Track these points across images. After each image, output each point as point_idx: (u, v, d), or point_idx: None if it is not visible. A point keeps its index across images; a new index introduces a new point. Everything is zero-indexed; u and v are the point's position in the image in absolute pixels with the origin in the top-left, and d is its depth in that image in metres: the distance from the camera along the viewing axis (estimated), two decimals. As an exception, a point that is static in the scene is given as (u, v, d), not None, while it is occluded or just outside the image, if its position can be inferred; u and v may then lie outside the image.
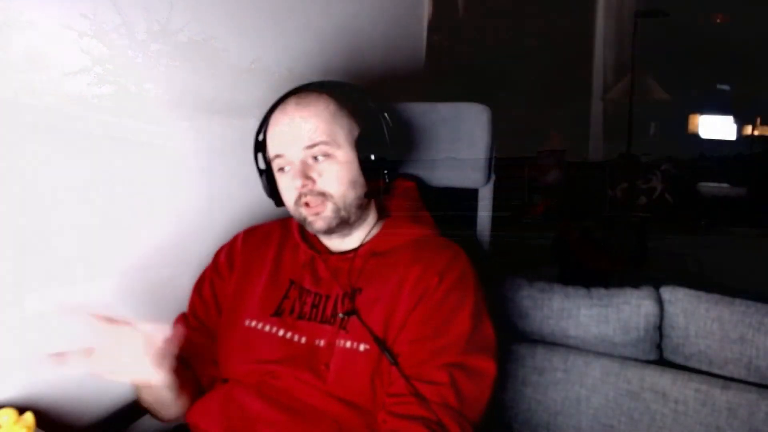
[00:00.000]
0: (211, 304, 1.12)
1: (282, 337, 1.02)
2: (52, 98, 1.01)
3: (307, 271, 1.07)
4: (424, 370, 0.93)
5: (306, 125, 1.00)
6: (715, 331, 1.19)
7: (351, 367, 0.97)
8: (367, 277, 1.03)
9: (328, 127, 1.00)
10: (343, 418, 0.96)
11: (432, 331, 0.96)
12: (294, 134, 1.00)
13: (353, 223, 1.05)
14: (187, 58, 1.21)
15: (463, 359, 0.94)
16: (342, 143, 1.01)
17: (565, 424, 1.31)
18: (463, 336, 0.96)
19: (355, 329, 0.98)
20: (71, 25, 1.01)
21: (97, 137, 1.08)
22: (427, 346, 0.95)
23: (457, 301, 0.98)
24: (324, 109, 1.01)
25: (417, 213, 1.13)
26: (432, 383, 0.92)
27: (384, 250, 1.06)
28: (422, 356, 0.94)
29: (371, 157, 1.02)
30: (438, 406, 0.90)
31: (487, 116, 1.27)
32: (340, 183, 1.01)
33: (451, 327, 0.96)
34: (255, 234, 1.17)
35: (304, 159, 1.00)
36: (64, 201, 1.04)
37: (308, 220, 1.02)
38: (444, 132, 1.30)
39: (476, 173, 1.28)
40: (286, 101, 1.04)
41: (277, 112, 1.04)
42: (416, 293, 0.98)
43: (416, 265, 1.01)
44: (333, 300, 1.03)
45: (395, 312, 0.98)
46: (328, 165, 1.00)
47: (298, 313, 1.03)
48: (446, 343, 0.95)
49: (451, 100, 1.33)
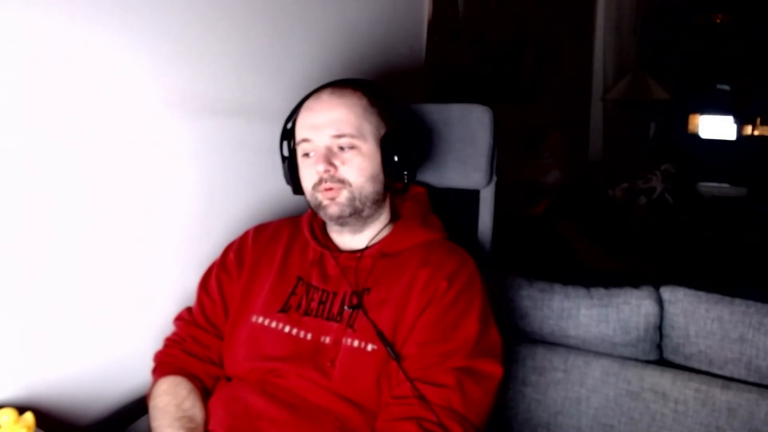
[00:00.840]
0: (218, 301, 1.12)
1: (288, 334, 1.02)
2: (53, 98, 1.01)
3: (315, 268, 1.08)
4: (431, 373, 0.93)
5: (337, 114, 1.02)
6: (715, 331, 1.20)
7: (357, 366, 0.97)
8: (376, 277, 1.04)
9: (357, 121, 1.03)
10: (346, 418, 0.96)
11: (440, 334, 0.96)
12: (325, 122, 1.03)
13: (366, 218, 1.07)
14: (187, 58, 1.21)
15: (471, 363, 0.95)
16: (368, 138, 1.04)
17: (565, 424, 1.31)
18: (470, 340, 0.96)
19: (363, 329, 0.99)
20: (71, 24, 1.01)
21: (97, 137, 1.08)
22: (434, 350, 0.95)
23: (465, 305, 0.99)
24: (357, 103, 1.04)
25: (426, 217, 1.15)
26: (437, 386, 0.92)
27: (393, 252, 1.07)
28: (429, 360, 0.95)
29: (395, 157, 1.05)
30: (442, 409, 0.90)
31: (489, 117, 1.27)
32: (361, 174, 1.03)
33: (458, 331, 0.97)
34: (264, 231, 1.18)
35: (330, 146, 1.03)
36: (63, 201, 1.04)
37: (323, 204, 1.04)
38: (446, 133, 1.30)
39: (478, 174, 1.28)
40: (322, 90, 1.07)
41: (311, 99, 1.07)
42: (425, 296, 0.99)
43: (425, 269, 1.02)
44: (341, 297, 1.03)
45: (404, 314, 0.99)
46: (352, 155, 1.03)
47: (305, 309, 1.04)
48: (454, 347, 0.95)
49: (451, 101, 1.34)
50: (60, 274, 1.04)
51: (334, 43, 1.53)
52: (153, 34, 1.14)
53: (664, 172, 2.74)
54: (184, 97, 1.21)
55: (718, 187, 3.74)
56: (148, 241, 1.18)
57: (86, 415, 1.09)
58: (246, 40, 1.33)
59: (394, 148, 1.06)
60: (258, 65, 1.36)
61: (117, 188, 1.12)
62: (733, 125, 5.01)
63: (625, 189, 2.78)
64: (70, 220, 1.05)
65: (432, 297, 0.99)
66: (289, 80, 1.38)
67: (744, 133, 5.00)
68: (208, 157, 1.28)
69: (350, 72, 1.52)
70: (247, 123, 1.32)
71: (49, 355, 1.04)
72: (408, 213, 1.14)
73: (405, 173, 1.07)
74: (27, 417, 0.92)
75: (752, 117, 4.94)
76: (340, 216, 1.03)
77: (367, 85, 1.11)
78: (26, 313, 1.01)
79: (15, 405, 0.94)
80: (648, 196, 2.73)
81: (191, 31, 1.21)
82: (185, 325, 1.13)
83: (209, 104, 1.27)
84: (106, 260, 1.11)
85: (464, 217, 1.31)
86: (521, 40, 2.96)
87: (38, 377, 1.02)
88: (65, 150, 1.03)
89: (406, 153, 1.07)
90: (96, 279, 1.09)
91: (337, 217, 1.04)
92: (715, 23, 5.01)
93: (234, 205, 1.34)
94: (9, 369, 0.99)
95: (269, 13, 1.37)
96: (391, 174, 1.07)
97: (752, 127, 4.98)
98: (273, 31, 1.39)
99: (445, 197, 1.30)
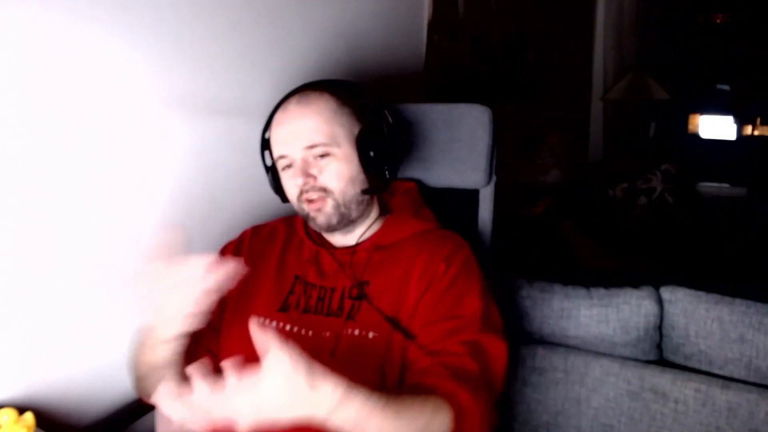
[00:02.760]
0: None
1: (289, 331, 1.02)
2: (52, 98, 1.01)
3: (312, 266, 1.08)
4: (442, 347, 0.93)
5: (306, 125, 1.01)
6: (715, 331, 1.20)
7: (359, 355, 0.97)
8: (372, 269, 1.05)
9: (327, 127, 1.02)
10: None
11: (444, 312, 0.97)
12: (295, 135, 1.02)
13: (355, 219, 1.07)
14: (187, 58, 1.21)
15: (479, 338, 0.95)
16: (342, 141, 1.03)
17: (565, 424, 1.31)
18: (476, 316, 0.97)
19: (363, 318, 0.99)
20: (71, 24, 1.01)
21: (96, 137, 1.08)
22: (441, 327, 0.95)
23: (465, 284, 1.00)
24: (324, 108, 1.03)
25: (419, 210, 1.15)
26: (452, 354, 0.92)
27: (388, 244, 1.07)
28: (437, 336, 0.95)
29: (371, 154, 1.04)
30: (463, 370, 0.90)
31: (488, 117, 1.27)
32: (340, 179, 1.02)
33: (462, 308, 0.97)
34: (261, 232, 1.18)
35: (305, 157, 1.02)
36: (63, 201, 1.04)
37: (310, 215, 1.04)
38: (445, 133, 1.30)
39: (477, 174, 1.28)
40: (288, 101, 1.06)
41: (279, 112, 1.06)
42: (424, 280, 1.00)
43: (422, 255, 1.02)
44: (339, 293, 1.04)
45: (405, 299, 1.00)
46: (328, 162, 1.02)
47: (304, 306, 1.04)
48: (461, 324, 0.95)
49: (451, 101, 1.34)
50: (60, 275, 1.04)
51: (334, 43, 1.53)
52: (153, 34, 1.14)
53: (664, 172, 2.74)
54: (184, 97, 1.22)
55: (718, 187, 3.73)
56: (148, 241, 1.18)
57: (86, 415, 1.09)
58: (246, 40, 1.33)
59: (370, 146, 1.04)
60: (258, 65, 1.36)
61: (117, 188, 1.12)
62: (733, 125, 5.01)
63: (625, 189, 2.78)
64: (70, 220, 1.05)
65: (431, 280, 0.99)
66: (289, 80, 1.37)
67: (744, 133, 5.00)
68: (208, 157, 1.28)
69: (351, 72, 1.52)
70: (247, 123, 1.32)
71: (50, 356, 1.04)
72: (399, 206, 1.14)
73: (385, 169, 1.06)
74: (27, 417, 0.92)
75: (752, 117, 4.94)
76: (329, 225, 1.04)
77: (334, 84, 1.09)
78: (27, 313, 1.01)
79: (15, 405, 0.94)
80: (648, 196, 2.72)
81: (191, 31, 1.21)
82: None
83: (209, 104, 1.27)
84: (105, 260, 1.11)
85: (464, 216, 1.31)
86: (521, 40, 2.96)
87: (38, 377, 1.03)
88: (65, 151, 1.03)
89: (383, 149, 1.05)
90: (96, 279, 1.09)
91: (326, 227, 1.04)
92: (715, 23, 5.01)
93: (234, 205, 1.34)
94: (9, 369, 0.99)
95: (269, 13, 1.37)
96: (372, 171, 1.06)
97: (752, 127, 4.98)
98: (273, 31, 1.39)
99: (445, 197, 1.30)
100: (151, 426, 1.15)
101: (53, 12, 0.98)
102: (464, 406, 0.85)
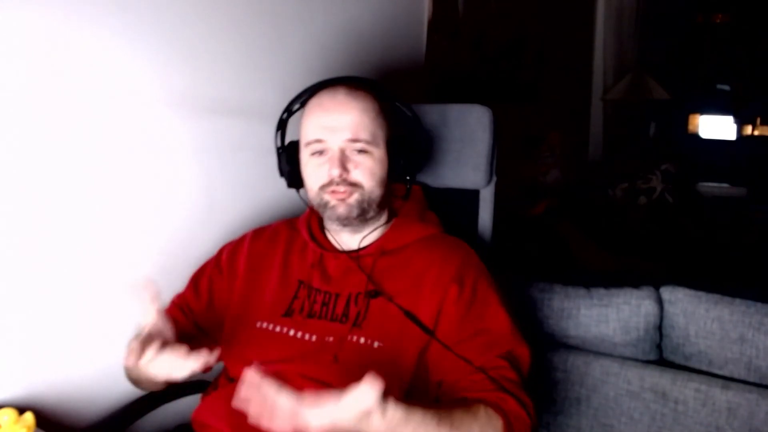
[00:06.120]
0: (205, 297, 1.12)
1: (293, 337, 1.02)
2: (53, 98, 1.01)
3: (316, 270, 1.07)
4: (482, 363, 0.95)
5: (353, 117, 1.01)
6: (715, 331, 1.19)
7: (363, 363, 0.96)
8: (381, 275, 1.04)
9: (371, 125, 1.02)
10: None
11: (472, 330, 0.98)
12: (340, 124, 1.01)
13: (369, 219, 1.07)
14: (188, 59, 1.21)
15: (512, 347, 0.97)
16: (380, 142, 1.04)
17: (565, 424, 1.31)
18: (504, 326, 0.99)
19: (369, 326, 0.99)
20: (72, 24, 1.01)
21: (96, 137, 1.08)
22: (473, 345, 0.97)
23: (483, 295, 1.02)
24: (371, 107, 1.03)
25: (424, 213, 1.15)
26: (494, 368, 0.94)
27: (393, 248, 1.07)
28: (473, 355, 0.96)
29: (401, 162, 1.06)
30: (506, 380, 0.92)
31: (488, 117, 1.27)
32: (372, 178, 1.03)
33: (488, 321, 0.99)
34: (262, 235, 1.17)
35: (343, 148, 1.01)
36: (64, 202, 1.04)
37: (330, 204, 1.03)
38: (445, 133, 1.30)
39: (478, 174, 1.28)
40: (336, 88, 1.04)
41: (325, 96, 1.04)
42: (435, 297, 1.00)
43: (432, 269, 1.03)
44: (345, 298, 1.03)
45: (415, 310, 1.00)
46: (364, 159, 1.02)
47: (308, 312, 1.04)
48: (493, 338, 0.97)
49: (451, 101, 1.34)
50: (60, 275, 1.04)
51: (334, 43, 1.53)
52: (153, 34, 1.14)
53: (664, 172, 2.74)
54: (184, 97, 1.22)
55: (718, 187, 3.73)
56: (148, 241, 1.18)
57: (86, 415, 1.09)
58: (246, 41, 1.33)
59: (402, 153, 1.06)
60: (258, 65, 1.36)
61: (118, 189, 1.12)
62: (733, 125, 5.00)
63: (625, 189, 2.78)
64: (70, 220, 1.05)
65: (443, 299, 1.00)
66: (289, 80, 1.37)
67: (744, 133, 4.99)
68: (208, 157, 1.28)
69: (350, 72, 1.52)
70: (247, 123, 1.33)
71: (50, 356, 1.04)
72: (405, 210, 1.14)
73: (407, 177, 1.09)
74: (27, 417, 0.92)
75: (752, 117, 4.94)
76: (347, 217, 1.03)
77: (377, 87, 1.10)
78: (27, 314, 1.01)
79: (15, 405, 0.94)
80: (648, 196, 2.72)
81: (191, 31, 1.21)
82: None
83: (209, 104, 1.27)
84: (105, 261, 1.11)
85: (464, 217, 1.31)
86: (521, 40, 2.96)
87: (38, 378, 1.03)
88: (65, 151, 1.03)
89: (411, 157, 1.08)
90: (96, 279, 1.09)
91: (344, 218, 1.04)
92: (715, 23, 5.01)
93: (234, 205, 1.34)
94: (9, 369, 0.99)
95: (269, 13, 1.37)
96: (396, 177, 1.08)
97: (752, 127, 4.97)
98: (273, 31, 1.39)
99: (445, 197, 1.30)
100: (151, 426, 1.15)
101: (54, 12, 0.99)
102: (512, 413, 0.89)
